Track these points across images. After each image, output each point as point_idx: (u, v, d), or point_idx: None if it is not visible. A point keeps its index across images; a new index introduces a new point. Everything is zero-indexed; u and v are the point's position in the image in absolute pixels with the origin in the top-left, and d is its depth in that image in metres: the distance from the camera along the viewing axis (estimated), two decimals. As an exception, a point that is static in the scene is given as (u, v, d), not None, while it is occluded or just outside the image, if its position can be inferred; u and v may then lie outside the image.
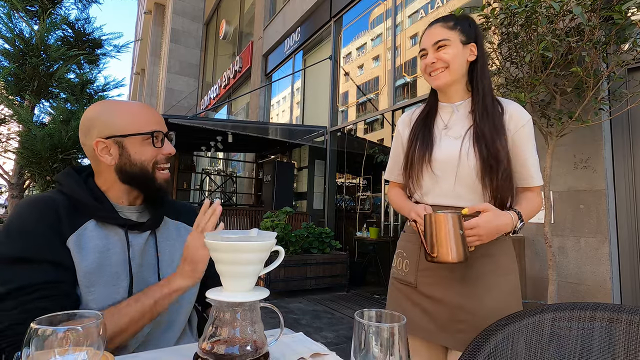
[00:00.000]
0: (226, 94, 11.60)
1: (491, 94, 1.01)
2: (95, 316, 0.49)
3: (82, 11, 3.03)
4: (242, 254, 0.60)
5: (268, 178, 7.17)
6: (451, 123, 1.04)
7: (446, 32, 0.99)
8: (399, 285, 1.08)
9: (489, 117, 0.97)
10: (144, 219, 0.88)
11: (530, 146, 0.99)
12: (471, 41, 1.01)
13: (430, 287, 1.00)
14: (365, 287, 5.05)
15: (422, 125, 1.07)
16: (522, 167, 0.99)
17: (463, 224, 0.87)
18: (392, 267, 1.13)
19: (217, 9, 14.66)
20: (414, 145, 1.05)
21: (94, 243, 0.77)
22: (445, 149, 1.00)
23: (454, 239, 0.85)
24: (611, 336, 0.71)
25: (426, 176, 1.02)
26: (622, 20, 2.03)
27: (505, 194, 0.96)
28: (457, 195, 0.99)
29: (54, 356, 0.44)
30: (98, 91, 3.00)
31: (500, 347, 0.76)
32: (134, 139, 0.82)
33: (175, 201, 1.03)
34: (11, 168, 2.73)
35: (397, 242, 1.15)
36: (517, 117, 0.99)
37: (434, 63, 1.00)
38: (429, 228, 0.88)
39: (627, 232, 2.45)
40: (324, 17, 6.63)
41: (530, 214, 0.98)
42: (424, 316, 1.00)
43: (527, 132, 0.99)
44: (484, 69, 1.02)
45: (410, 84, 4.93)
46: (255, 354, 0.59)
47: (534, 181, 1.00)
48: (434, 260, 0.87)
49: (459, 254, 0.85)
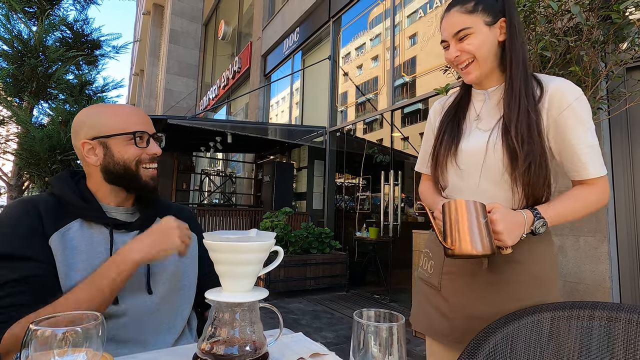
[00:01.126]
0: (225, 95, 11.60)
1: (522, 75, 0.85)
2: (95, 317, 0.49)
3: (81, 12, 3.02)
4: (242, 255, 0.60)
5: (267, 178, 7.17)
6: (483, 113, 0.92)
7: (466, 19, 0.85)
8: (423, 287, 1.01)
9: (514, 101, 0.83)
10: (133, 219, 0.89)
11: (580, 130, 0.81)
12: (499, 17, 0.85)
13: (452, 292, 0.92)
14: (364, 287, 5.05)
15: (452, 115, 0.96)
16: (572, 156, 0.83)
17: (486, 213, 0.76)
18: (419, 266, 1.06)
19: (215, 9, 14.65)
20: (441, 137, 0.95)
21: (77, 242, 0.78)
22: (473, 142, 0.89)
23: (477, 226, 0.73)
24: (610, 335, 0.71)
25: (451, 171, 0.93)
26: (621, 19, 2.04)
27: (536, 189, 0.82)
28: (482, 192, 0.88)
29: (53, 357, 0.44)
30: (97, 92, 3.00)
31: (500, 347, 0.76)
32: (117, 139, 0.84)
33: (169, 202, 1.03)
34: (10, 169, 2.73)
35: (426, 242, 1.07)
36: (561, 95, 0.82)
37: (458, 56, 0.87)
38: (447, 217, 0.77)
39: (626, 231, 2.45)
40: (323, 17, 6.63)
41: (568, 213, 0.82)
42: (444, 322, 0.92)
43: (576, 112, 0.81)
44: (516, 45, 0.85)
45: (410, 83, 4.94)
46: (255, 354, 0.59)
47: (588, 172, 0.82)
48: (454, 254, 0.75)
49: (484, 244, 0.73)
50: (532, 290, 0.85)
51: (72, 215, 0.80)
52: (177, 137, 6.68)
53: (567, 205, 0.83)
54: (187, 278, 0.94)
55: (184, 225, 0.82)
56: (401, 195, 5.42)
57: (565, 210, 0.82)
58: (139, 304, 0.82)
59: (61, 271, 0.75)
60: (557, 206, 0.82)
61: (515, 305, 0.82)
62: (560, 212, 0.82)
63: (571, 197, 0.84)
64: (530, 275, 0.85)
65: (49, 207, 0.79)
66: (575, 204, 0.83)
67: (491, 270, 0.87)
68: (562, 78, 0.86)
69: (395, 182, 4.91)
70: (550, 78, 0.87)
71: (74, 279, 0.75)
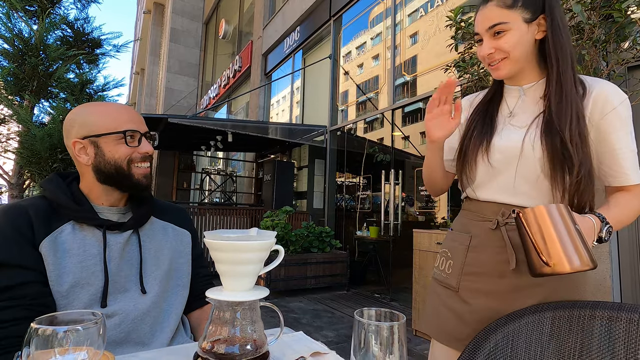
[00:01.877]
0: (226, 94, 11.59)
1: (570, 72, 0.81)
2: (96, 316, 0.49)
3: (81, 11, 3.02)
4: (242, 254, 0.60)
5: (268, 177, 7.17)
6: (517, 109, 0.88)
7: (504, 14, 0.80)
8: (438, 288, 0.97)
9: (565, 102, 0.79)
10: (127, 219, 0.88)
11: (622, 134, 0.78)
12: (539, 13, 0.81)
13: (473, 293, 0.87)
14: (365, 286, 5.06)
15: (483, 111, 0.92)
16: (613, 160, 0.80)
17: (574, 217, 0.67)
18: (435, 267, 1.01)
19: (216, 8, 14.64)
20: (471, 132, 0.91)
21: (69, 245, 0.78)
22: (507, 138, 0.85)
23: (568, 236, 0.62)
24: (611, 334, 0.71)
25: (481, 167, 0.88)
26: (622, 18, 2.03)
27: (583, 196, 0.78)
28: (517, 192, 0.84)
29: (54, 356, 0.44)
30: (98, 91, 3.00)
31: (500, 346, 0.76)
32: (108, 138, 0.83)
33: (162, 201, 1.03)
34: (11, 168, 2.73)
35: (443, 241, 1.02)
36: (605, 98, 0.79)
37: (492, 54, 0.83)
38: (533, 226, 0.66)
39: (627, 231, 2.45)
40: (324, 16, 6.62)
41: (622, 219, 0.79)
42: (460, 325, 0.88)
43: (620, 117, 0.78)
44: (558, 43, 0.80)
45: (410, 82, 4.93)
46: (255, 353, 0.59)
47: (629, 178, 0.79)
48: (547, 273, 0.64)
49: (582, 258, 0.62)
50: (565, 292, 0.82)
51: (64, 218, 0.80)
52: (177, 136, 6.68)
53: (618, 212, 0.79)
54: (181, 278, 0.94)
55: None
56: (402, 194, 5.42)
57: (621, 217, 0.79)
58: (131, 304, 0.82)
59: (52, 275, 0.74)
60: (613, 211, 0.78)
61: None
62: (617, 218, 0.78)
63: (619, 204, 0.80)
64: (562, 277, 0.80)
65: (40, 212, 0.78)
66: (626, 211, 0.80)
67: (520, 271, 0.82)
68: (606, 81, 0.82)
69: (396, 181, 4.90)
70: (594, 80, 0.83)
71: (65, 283, 0.75)
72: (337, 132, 6.30)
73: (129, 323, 0.81)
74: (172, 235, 0.96)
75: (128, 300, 0.82)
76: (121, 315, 0.80)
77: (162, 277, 0.88)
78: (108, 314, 0.78)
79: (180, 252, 0.95)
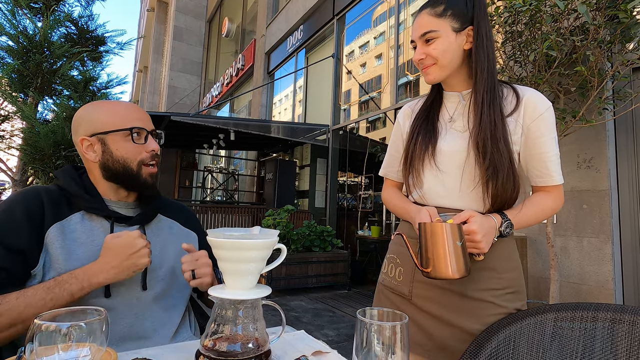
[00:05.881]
0: (228, 92, 11.60)
1: (488, 85, 0.86)
2: (99, 312, 0.49)
3: (86, 8, 3.02)
4: (245, 252, 0.60)
5: (270, 176, 7.18)
6: (457, 115, 0.92)
7: (434, 22, 0.85)
8: (390, 294, 0.97)
9: (481, 113, 0.84)
10: (135, 214, 0.90)
11: (549, 138, 0.85)
12: (467, 25, 0.86)
13: (426, 301, 0.89)
14: (366, 286, 5.06)
15: (425, 116, 0.96)
16: (540, 163, 0.86)
17: (463, 233, 0.77)
18: (382, 272, 1.02)
19: (219, 6, 14.64)
20: (415, 138, 0.93)
21: (78, 234, 0.79)
22: (452, 143, 0.88)
23: (453, 251, 0.75)
24: (613, 337, 0.71)
25: (428, 172, 0.91)
26: (628, 19, 2.02)
27: (504, 197, 0.84)
28: (463, 197, 0.87)
29: (57, 352, 0.44)
30: (101, 88, 3.01)
31: (502, 347, 0.76)
32: (115, 136, 0.84)
33: (169, 199, 1.04)
34: (15, 165, 2.74)
35: (389, 244, 1.03)
36: (534, 104, 0.85)
37: (423, 59, 0.88)
38: (423, 239, 0.77)
39: (630, 233, 2.44)
40: (327, 15, 6.62)
41: (532, 218, 0.87)
42: (419, 331, 0.90)
43: (547, 122, 0.85)
44: (481, 55, 0.85)
45: (413, 82, 4.92)
46: (257, 351, 0.59)
47: (553, 179, 0.86)
48: (429, 276, 0.77)
49: (459, 268, 0.75)
50: (508, 297, 0.86)
51: (75, 207, 0.82)
52: (180, 134, 6.69)
53: (533, 210, 0.87)
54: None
55: (146, 242, 0.80)
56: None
57: (530, 217, 0.87)
58: (132, 298, 0.82)
59: (61, 258, 0.75)
60: (524, 210, 0.86)
61: (494, 312, 0.84)
62: (528, 215, 0.86)
63: (534, 203, 0.89)
64: (505, 284, 0.87)
65: (53, 198, 0.80)
66: (536, 208, 0.88)
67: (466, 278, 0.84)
68: (533, 89, 0.89)
69: (398, 181, 4.89)
70: (524, 88, 0.89)
71: (72, 268, 0.75)
72: (340, 131, 6.30)
73: (132, 317, 0.81)
74: (177, 233, 0.97)
75: (131, 293, 0.82)
76: (124, 308, 0.81)
77: (166, 273, 0.89)
78: (111, 307, 0.78)
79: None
